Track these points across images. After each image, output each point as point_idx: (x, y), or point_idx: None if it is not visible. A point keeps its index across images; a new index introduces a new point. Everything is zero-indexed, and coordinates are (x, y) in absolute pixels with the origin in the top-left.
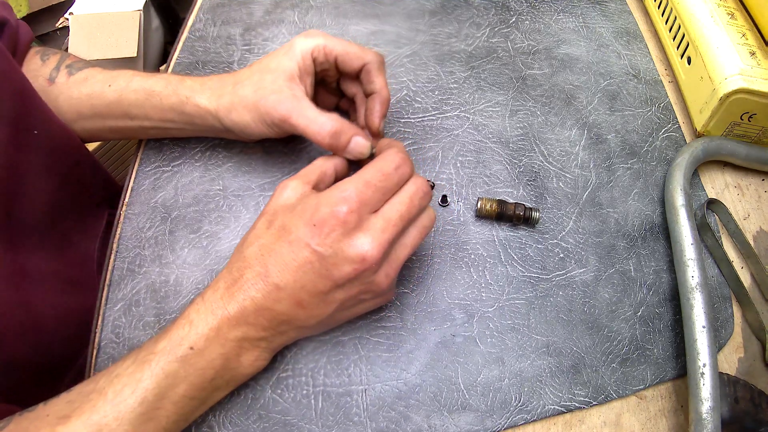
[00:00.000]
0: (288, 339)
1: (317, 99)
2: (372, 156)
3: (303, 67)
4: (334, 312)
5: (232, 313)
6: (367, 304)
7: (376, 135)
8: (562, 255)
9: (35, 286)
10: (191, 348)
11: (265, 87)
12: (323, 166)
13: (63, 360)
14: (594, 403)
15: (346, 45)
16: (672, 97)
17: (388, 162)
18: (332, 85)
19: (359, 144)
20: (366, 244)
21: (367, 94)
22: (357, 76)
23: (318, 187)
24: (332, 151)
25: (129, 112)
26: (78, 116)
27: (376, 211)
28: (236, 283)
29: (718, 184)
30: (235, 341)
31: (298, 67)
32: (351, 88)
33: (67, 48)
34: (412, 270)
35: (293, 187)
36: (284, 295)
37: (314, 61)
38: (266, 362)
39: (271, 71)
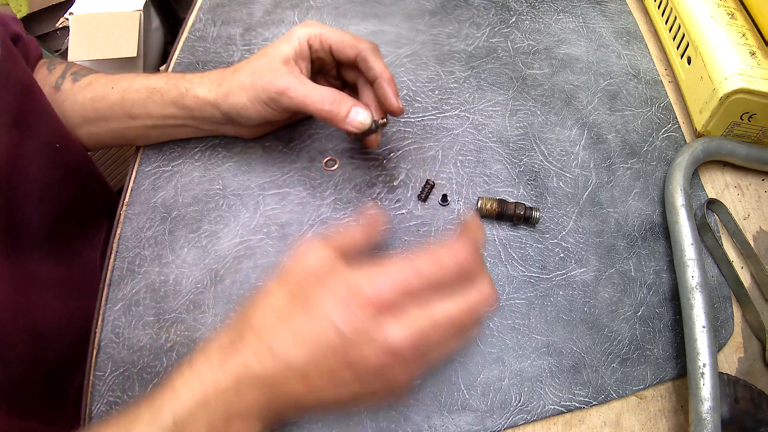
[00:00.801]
0: (282, 419)
1: None
2: (376, 129)
3: (299, 52)
4: (344, 402)
5: (223, 384)
6: (377, 398)
7: (397, 114)
8: (562, 255)
9: (40, 293)
10: (174, 423)
11: (262, 68)
12: (353, 232)
13: (69, 363)
14: (594, 403)
15: (341, 35)
16: (672, 97)
17: (450, 255)
18: (332, 74)
19: (360, 113)
20: (397, 333)
21: (370, 81)
22: (354, 64)
23: (346, 255)
24: (332, 122)
25: (131, 112)
26: (83, 120)
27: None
28: (234, 346)
29: (718, 184)
30: (223, 416)
31: (294, 51)
32: (350, 75)
33: (67, 48)
34: None
35: (318, 253)
36: (292, 374)
37: (310, 47)
38: None
39: (267, 55)
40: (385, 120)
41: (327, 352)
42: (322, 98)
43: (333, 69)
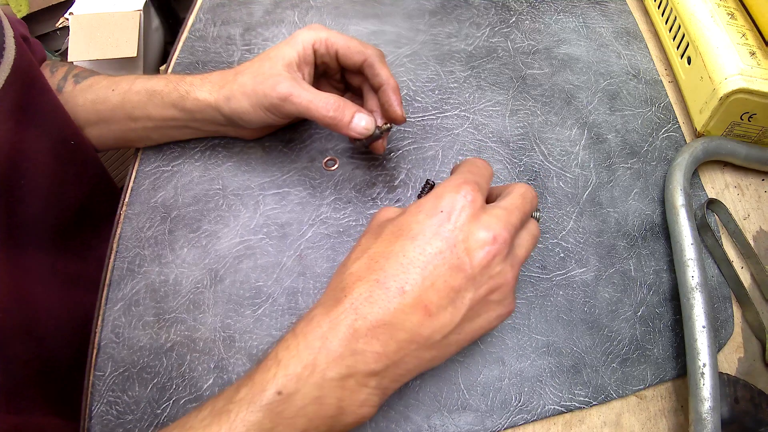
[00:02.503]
0: (404, 373)
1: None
2: (381, 135)
3: (302, 57)
4: (462, 322)
5: (334, 343)
6: (492, 313)
7: (400, 122)
8: (562, 254)
9: (44, 290)
10: (279, 393)
11: (264, 72)
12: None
13: (73, 362)
14: (594, 403)
15: (348, 40)
16: (672, 97)
17: (523, 192)
18: (335, 78)
19: (363, 119)
20: (494, 223)
21: (375, 88)
22: (360, 70)
23: None
24: (335, 129)
25: (132, 114)
26: (85, 122)
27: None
28: (340, 303)
29: (718, 184)
30: (336, 381)
31: (297, 55)
32: (355, 80)
33: (67, 48)
34: None
35: (389, 209)
36: (409, 300)
37: (315, 52)
38: (375, 409)
39: (270, 58)
40: (389, 125)
41: (440, 265)
42: (326, 105)
43: (337, 73)
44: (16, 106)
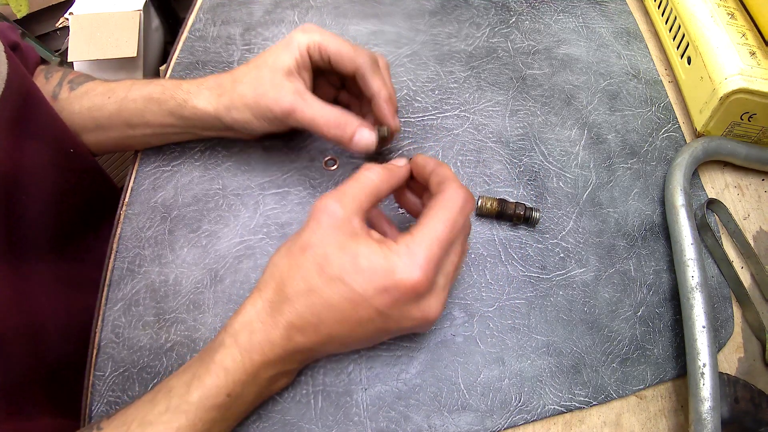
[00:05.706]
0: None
1: (317, 92)
2: (383, 141)
3: (301, 62)
4: (380, 336)
5: (271, 358)
6: (410, 323)
7: (395, 132)
8: (562, 255)
9: (46, 294)
10: (228, 395)
11: (265, 83)
12: (374, 183)
13: (74, 363)
14: (594, 403)
15: (340, 45)
16: (672, 97)
17: (456, 209)
18: (332, 77)
19: (364, 136)
20: (433, 306)
21: (368, 99)
22: (352, 77)
23: (364, 210)
24: (337, 143)
25: (129, 122)
26: (81, 130)
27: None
28: (275, 319)
29: (718, 184)
30: (269, 378)
31: (295, 61)
32: (351, 84)
33: (67, 48)
34: None
35: (335, 216)
36: (334, 342)
37: (310, 57)
38: (292, 380)
39: (268, 66)
40: (385, 131)
41: (368, 327)
42: (327, 122)
43: (333, 74)
44: (12, 121)
